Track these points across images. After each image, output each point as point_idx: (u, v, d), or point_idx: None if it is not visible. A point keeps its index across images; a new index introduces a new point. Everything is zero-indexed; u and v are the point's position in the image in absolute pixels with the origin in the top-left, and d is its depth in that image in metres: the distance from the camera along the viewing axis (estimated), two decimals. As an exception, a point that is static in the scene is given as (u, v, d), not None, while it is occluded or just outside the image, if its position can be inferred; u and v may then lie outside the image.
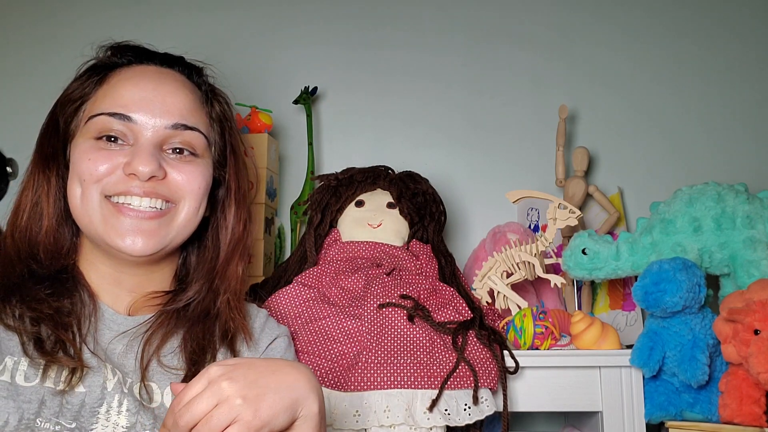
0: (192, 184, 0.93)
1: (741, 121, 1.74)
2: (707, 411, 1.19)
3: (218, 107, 1.01)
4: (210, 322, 0.95)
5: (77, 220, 0.92)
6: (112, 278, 0.95)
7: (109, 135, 0.91)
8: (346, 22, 1.80)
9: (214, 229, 1.01)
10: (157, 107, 0.92)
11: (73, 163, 0.92)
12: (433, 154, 1.72)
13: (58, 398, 0.83)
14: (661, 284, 1.18)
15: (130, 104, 0.91)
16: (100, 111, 0.92)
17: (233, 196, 1.01)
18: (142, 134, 0.91)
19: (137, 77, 0.95)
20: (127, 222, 0.89)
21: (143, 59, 0.98)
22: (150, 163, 0.89)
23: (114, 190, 0.90)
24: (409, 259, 1.31)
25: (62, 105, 0.97)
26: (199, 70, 1.02)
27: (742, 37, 1.77)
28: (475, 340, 1.17)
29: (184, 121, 0.94)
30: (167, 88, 0.95)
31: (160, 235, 0.91)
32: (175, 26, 1.78)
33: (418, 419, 1.09)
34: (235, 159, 1.02)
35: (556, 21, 1.79)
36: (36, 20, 1.80)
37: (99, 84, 0.95)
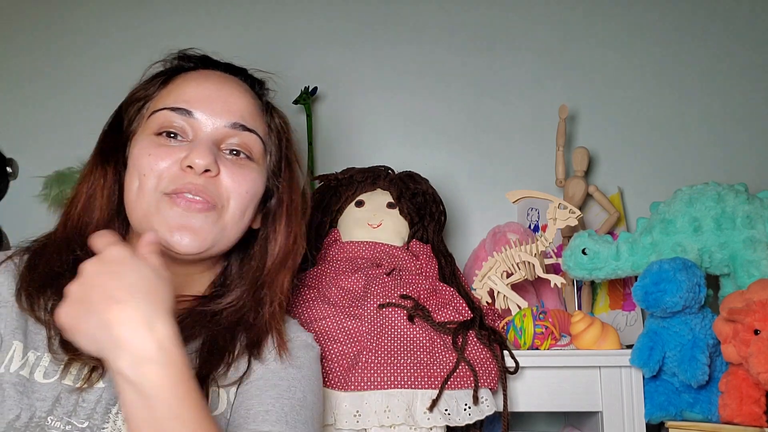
0: (241, 187, 0.93)
1: (741, 121, 1.74)
2: (707, 411, 1.19)
3: (277, 120, 1.03)
4: (239, 330, 0.94)
5: (130, 212, 0.93)
6: None
7: (169, 131, 0.92)
8: (346, 23, 1.80)
9: (263, 240, 1.01)
10: (218, 105, 0.94)
11: (133, 158, 0.93)
12: (433, 154, 1.72)
13: (75, 396, 0.83)
14: (661, 284, 1.18)
15: (192, 100, 0.93)
16: (163, 106, 0.94)
17: (285, 209, 1.01)
18: (201, 130, 0.92)
19: (201, 78, 0.97)
20: (178, 212, 0.89)
21: (208, 66, 1.00)
22: (206, 156, 0.89)
23: (170, 187, 0.90)
24: (409, 259, 1.31)
25: (127, 105, 0.99)
26: (261, 83, 1.04)
27: (742, 37, 1.77)
28: (475, 340, 1.17)
29: (243, 121, 0.95)
30: (229, 89, 0.96)
31: (206, 233, 0.91)
32: (175, 27, 1.78)
33: (418, 419, 1.09)
34: (291, 172, 1.02)
35: (557, 21, 1.79)
36: (37, 22, 1.80)
37: (163, 84, 0.97)
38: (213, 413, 0.86)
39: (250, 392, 0.89)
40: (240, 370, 0.90)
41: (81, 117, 1.74)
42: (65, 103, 1.74)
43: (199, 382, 0.83)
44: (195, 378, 0.73)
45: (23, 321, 0.87)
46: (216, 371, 0.88)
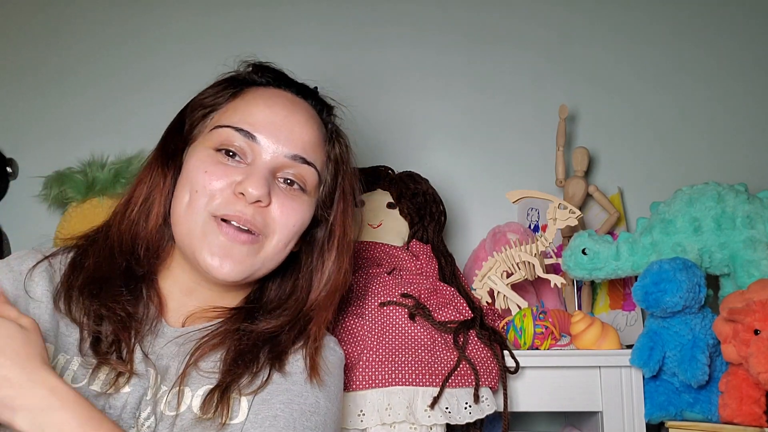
0: (288, 220, 0.93)
1: (741, 121, 1.74)
2: (707, 411, 1.19)
3: (338, 149, 1.02)
4: (266, 345, 0.93)
5: (176, 226, 0.92)
6: (186, 288, 0.95)
7: (229, 149, 0.92)
8: (346, 22, 1.80)
9: (308, 269, 1.00)
10: (283, 134, 0.93)
11: (188, 170, 0.92)
12: (433, 154, 1.72)
13: (102, 401, 0.83)
14: (661, 284, 1.19)
15: (257, 124, 0.92)
16: (228, 123, 0.93)
17: (336, 242, 1.00)
18: (261, 156, 0.92)
19: (271, 100, 0.96)
20: (223, 241, 0.89)
21: (281, 84, 1.00)
22: (261, 187, 0.89)
23: (219, 211, 0.90)
24: (409, 259, 1.31)
25: (192, 108, 0.98)
26: (330, 108, 1.04)
27: (742, 37, 1.77)
28: (475, 339, 1.17)
29: (304, 154, 0.94)
30: (297, 117, 0.95)
31: (247, 264, 0.91)
32: (174, 27, 1.78)
33: (419, 417, 1.09)
34: (344, 204, 1.02)
35: (557, 21, 1.79)
36: (38, 22, 1.80)
37: (233, 97, 0.96)
38: (231, 421, 0.85)
39: (260, 396, 0.88)
40: (261, 378, 0.89)
41: (81, 117, 1.74)
42: (65, 104, 1.74)
43: (219, 391, 0.84)
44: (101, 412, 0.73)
45: (55, 323, 0.87)
46: (239, 382, 0.87)
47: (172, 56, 1.77)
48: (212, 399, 0.85)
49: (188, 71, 1.76)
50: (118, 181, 1.56)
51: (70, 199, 1.57)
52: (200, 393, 0.87)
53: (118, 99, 1.75)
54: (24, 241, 1.65)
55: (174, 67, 1.76)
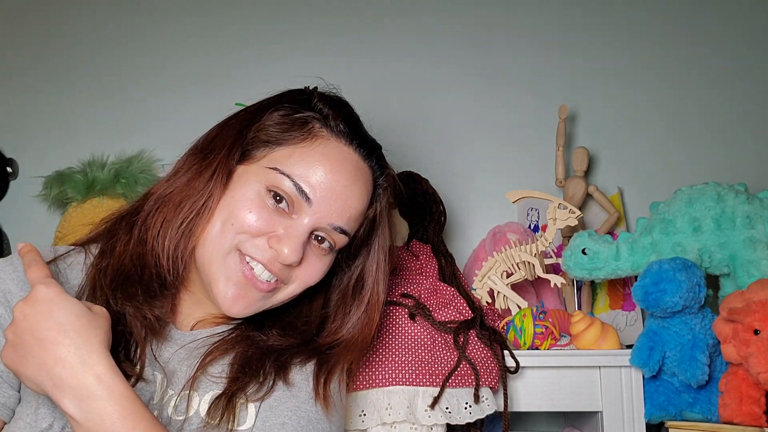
0: (309, 278, 0.94)
1: (741, 121, 1.74)
2: (707, 411, 1.19)
3: (377, 207, 1.00)
4: (273, 354, 0.93)
5: (199, 247, 0.90)
6: (197, 299, 0.95)
7: (279, 195, 0.90)
8: (347, 22, 1.80)
9: (321, 310, 1.00)
10: (337, 205, 0.92)
11: (233, 197, 0.90)
12: (433, 154, 1.72)
13: None
14: (661, 284, 1.18)
15: (317, 187, 0.91)
16: (290, 174, 0.90)
17: (366, 297, 1.00)
18: (306, 217, 0.91)
19: (339, 165, 0.93)
20: (241, 280, 0.89)
21: (353, 140, 0.96)
22: (297, 253, 0.89)
23: (247, 252, 0.89)
24: (409, 259, 1.31)
25: (257, 129, 0.94)
26: (387, 171, 1.01)
27: (742, 37, 1.77)
28: (476, 339, 1.17)
29: (347, 227, 0.94)
30: (356, 190, 0.94)
31: (258, 305, 0.92)
32: (175, 28, 1.78)
33: (419, 417, 1.09)
34: (378, 261, 1.01)
35: (557, 21, 1.79)
36: (37, 20, 1.80)
37: (301, 140, 0.93)
38: (239, 428, 0.85)
39: (268, 403, 0.88)
40: (267, 386, 0.90)
41: (81, 117, 1.74)
42: (65, 104, 1.74)
43: (226, 398, 0.84)
44: (145, 406, 0.74)
45: None
46: (245, 390, 0.87)
47: (172, 57, 1.77)
48: (218, 405, 0.85)
49: (189, 72, 1.76)
50: (118, 181, 1.56)
51: (70, 199, 1.57)
52: (207, 398, 0.87)
53: (118, 99, 1.75)
54: (24, 241, 1.65)
55: (175, 68, 1.76)
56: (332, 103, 0.99)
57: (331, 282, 1.02)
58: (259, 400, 0.87)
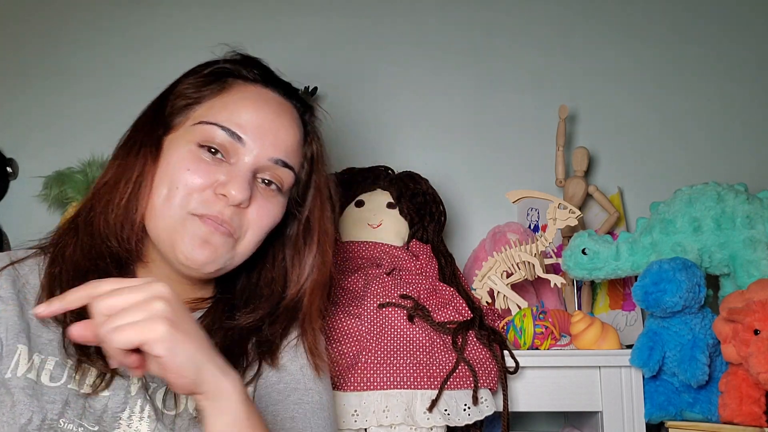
0: (263, 221, 0.94)
1: (741, 121, 1.74)
2: (707, 411, 1.19)
3: (315, 147, 1.02)
4: (252, 337, 0.93)
5: (150, 219, 0.91)
6: (158, 276, 0.95)
7: (212, 147, 0.91)
8: (347, 22, 1.80)
9: (282, 266, 1.00)
10: (269, 138, 0.93)
11: (168, 163, 0.91)
12: (433, 154, 1.72)
13: (82, 400, 0.83)
14: (661, 284, 1.18)
15: (245, 125, 0.92)
16: (214, 121, 0.92)
17: (315, 238, 1.01)
18: (244, 157, 0.91)
19: (260, 101, 0.95)
20: (204, 231, 0.89)
21: (268, 83, 0.98)
22: (245, 191, 0.89)
23: (198, 210, 0.89)
24: (409, 259, 1.31)
25: (174, 96, 0.96)
26: (311, 109, 1.03)
27: (742, 36, 1.77)
28: (474, 340, 1.17)
29: (286, 158, 0.94)
30: (283, 121, 0.95)
31: (223, 254, 0.91)
32: (174, 26, 1.78)
33: (417, 419, 1.09)
34: (321, 200, 1.02)
35: (557, 21, 1.79)
36: (37, 19, 1.80)
37: (219, 92, 0.95)
38: None
39: (272, 397, 0.90)
40: (253, 369, 0.91)
41: (81, 117, 1.74)
42: (65, 104, 1.74)
43: None
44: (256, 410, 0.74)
45: (25, 324, 0.87)
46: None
47: (173, 57, 1.76)
48: None
49: (188, 71, 1.76)
50: (118, 181, 1.56)
51: (70, 199, 1.57)
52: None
53: (118, 99, 1.75)
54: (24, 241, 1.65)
55: (175, 68, 1.75)
56: (241, 57, 1.01)
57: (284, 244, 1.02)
58: (247, 385, 0.89)
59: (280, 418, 0.88)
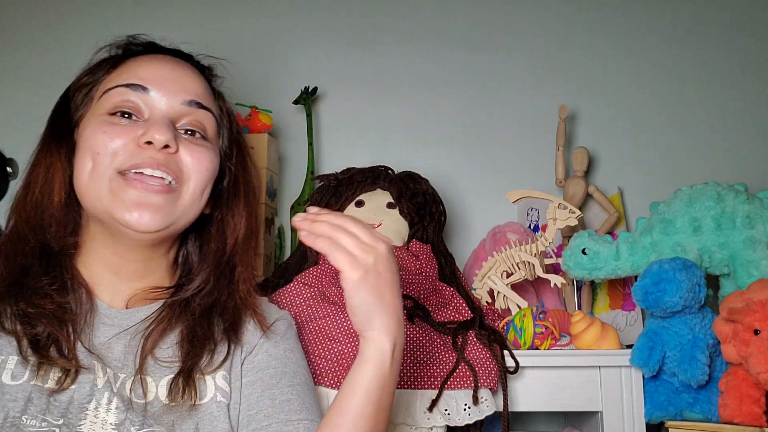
0: (201, 165, 0.93)
1: (741, 121, 1.74)
2: (707, 411, 1.19)
3: (226, 104, 1.03)
4: (214, 316, 0.95)
5: (83, 196, 0.91)
6: (112, 266, 0.94)
7: (124, 110, 0.91)
8: (346, 22, 1.80)
9: (218, 221, 1.00)
10: (174, 84, 0.94)
11: (85, 139, 0.91)
12: (433, 154, 1.72)
13: (46, 396, 0.83)
14: (661, 284, 1.19)
15: (147, 77, 0.93)
16: (117, 83, 0.92)
17: (242, 190, 1.01)
18: (157, 108, 0.92)
19: (154, 60, 0.96)
20: (135, 194, 0.88)
21: (159, 51, 1.00)
22: (166, 132, 0.89)
23: (128, 164, 0.89)
24: (409, 259, 1.31)
25: (73, 91, 0.97)
26: (210, 69, 1.04)
27: (742, 37, 1.77)
28: (475, 340, 1.17)
29: (199, 99, 0.95)
30: (183, 71, 0.96)
31: (166, 212, 0.90)
32: (175, 26, 1.78)
33: (417, 419, 1.09)
34: (243, 154, 1.03)
35: (557, 21, 1.79)
36: (37, 20, 1.80)
37: (113, 68, 0.96)
38: (201, 401, 0.88)
39: (265, 381, 0.92)
40: (221, 354, 0.92)
41: (81, 117, 1.74)
42: (65, 103, 1.74)
43: (184, 375, 0.87)
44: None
45: None
46: (200, 363, 0.89)
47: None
48: (178, 385, 0.87)
49: (188, 71, 1.76)
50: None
51: (70, 199, 1.57)
52: (164, 383, 0.88)
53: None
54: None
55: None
56: (127, 39, 1.01)
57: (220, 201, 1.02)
58: (214, 371, 0.90)
59: (278, 401, 0.91)
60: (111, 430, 0.82)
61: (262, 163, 1.52)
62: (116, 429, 0.82)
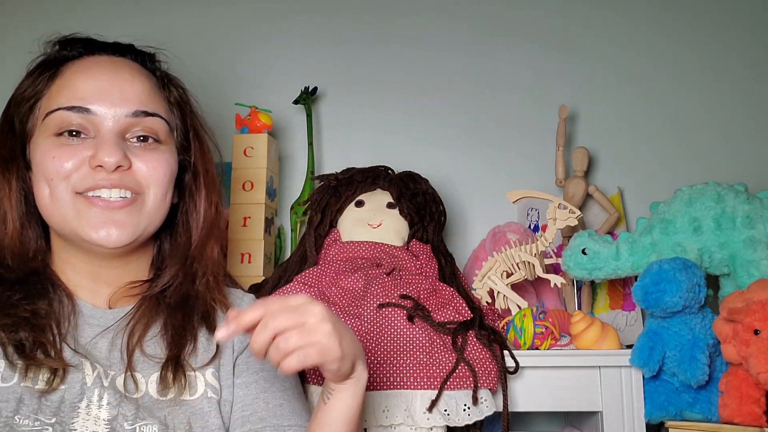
0: (157, 172, 0.93)
1: (741, 121, 1.74)
2: (707, 411, 1.19)
3: (175, 92, 1.01)
4: (189, 306, 0.96)
5: (48, 219, 0.92)
6: (89, 273, 0.95)
7: (70, 129, 0.90)
8: (346, 22, 1.80)
9: (184, 214, 1.01)
10: (115, 96, 0.92)
11: (37, 163, 0.91)
12: (433, 154, 1.72)
13: (37, 396, 0.83)
14: (661, 284, 1.18)
15: (86, 96, 0.91)
16: (57, 106, 0.91)
17: (202, 180, 1.01)
18: (103, 125, 0.91)
19: (91, 68, 0.94)
20: (98, 213, 0.89)
21: (94, 50, 0.97)
22: (115, 153, 0.89)
23: (83, 186, 0.89)
24: (409, 259, 1.31)
25: (16, 104, 0.96)
26: (151, 57, 1.02)
27: (743, 36, 1.77)
28: (474, 340, 1.17)
29: (143, 107, 0.93)
30: (123, 76, 0.94)
31: (132, 225, 0.91)
32: (175, 26, 1.78)
33: (417, 419, 1.09)
34: (200, 143, 1.02)
35: (557, 21, 1.79)
36: (36, 19, 1.80)
37: (51, 79, 0.94)
38: (192, 396, 0.89)
39: (260, 384, 0.95)
40: (210, 351, 0.93)
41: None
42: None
43: (172, 364, 0.88)
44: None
45: None
46: (184, 351, 0.91)
47: (174, 56, 1.76)
48: (167, 376, 0.88)
49: (189, 72, 1.75)
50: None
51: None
52: (153, 378, 0.89)
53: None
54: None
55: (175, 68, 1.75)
56: (63, 40, 0.99)
57: (184, 193, 1.02)
58: (203, 368, 0.92)
59: (271, 405, 0.93)
60: (104, 426, 0.83)
61: (262, 164, 1.52)
62: (109, 425, 0.83)
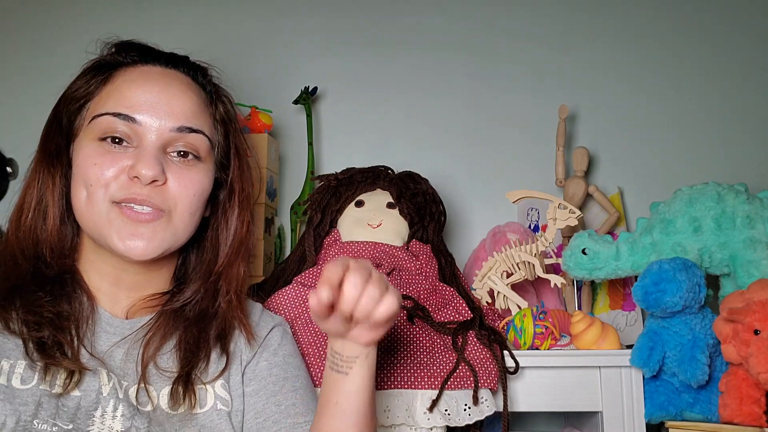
0: (187, 192, 0.93)
1: (741, 121, 1.74)
2: (707, 411, 1.19)
3: (222, 108, 1.02)
4: (206, 323, 0.96)
5: (81, 221, 0.93)
6: (112, 277, 0.95)
7: (114, 136, 0.91)
8: (347, 22, 1.80)
9: (214, 230, 1.01)
10: (162, 109, 0.92)
11: (77, 166, 0.92)
12: (433, 154, 1.72)
13: (54, 400, 0.84)
14: (661, 284, 1.18)
15: (135, 106, 0.91)
16: (105, 111, 0.92)
17: (236, 198, 1.01)
18: (146, 137, 0.91)
19: (142, 79, 0.95)
20: (128, 224, 0.90)
21: (148, 59, 0.98)
22: (153, 167, 0.89)
23: (119, 196, 0.90)
24: (409, 259, 1.31)
25: (66, 102, 0.97)
26: (204, 71, 1.02)
27: (743, 36, 1.77)
28: (475, 340, 1.17)
29: (189, 124, 0.94)
30: (172, 90, 0.95)
31: (159, 239, 0.91)
32: (175, 26, 1.78)
33: (418, 419, 1.09)
34: (239, 161, 1.02)
35: (557, 21, 1.79)
36: (35, 20, 1.80)
37: (103, 83, 0.95)
38: (203, 409, 0.90)
39: (269, 389, 0.95)
40: (220, 365, 0.94)
41: (81, 117, 1.74)
42: (65, 103, 1.74)
43: (182, 381, 0.88)
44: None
45: None
46: (196, 369, 0.91)
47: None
48: (177, 391, 0.89)
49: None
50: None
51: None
52: (165, 393, 0.89)
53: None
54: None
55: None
56: (120, 44, 1.00)
57: (216, 209, 1.03)
58: (212, 381, 0.92)
59: (283, 406, 0.94)
60: None
61: (262, 164, 1.52)
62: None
